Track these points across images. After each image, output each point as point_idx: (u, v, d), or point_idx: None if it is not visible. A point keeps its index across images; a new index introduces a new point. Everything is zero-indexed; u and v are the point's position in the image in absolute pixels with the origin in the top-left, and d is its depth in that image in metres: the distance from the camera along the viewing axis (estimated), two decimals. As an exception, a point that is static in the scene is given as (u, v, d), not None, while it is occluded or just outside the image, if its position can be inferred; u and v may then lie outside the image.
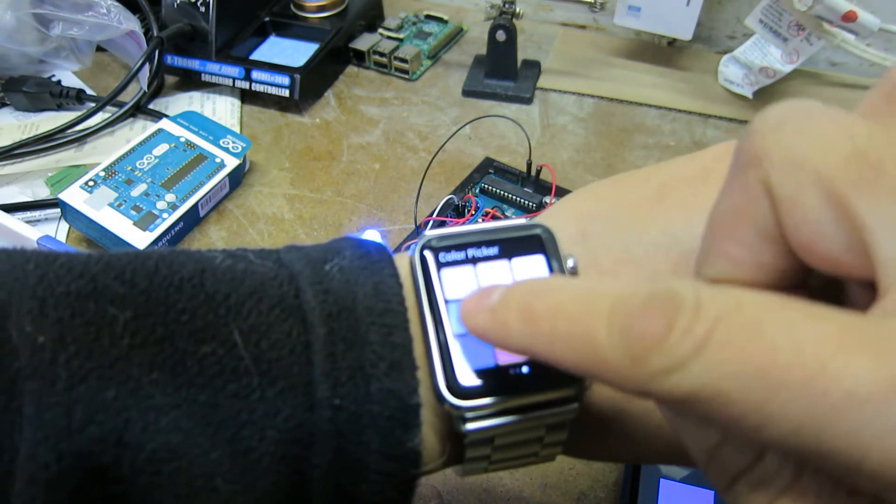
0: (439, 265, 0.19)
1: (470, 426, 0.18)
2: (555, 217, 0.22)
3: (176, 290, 0.18)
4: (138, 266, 0.18)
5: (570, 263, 0.19)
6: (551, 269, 0.19)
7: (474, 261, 0.19)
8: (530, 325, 0.15)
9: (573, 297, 0.14)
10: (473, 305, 0.16)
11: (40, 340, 0.16)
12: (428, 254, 0.19)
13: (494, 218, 0.40)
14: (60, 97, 0.56)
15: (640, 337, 0.13)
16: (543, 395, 0.18)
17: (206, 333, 0.17)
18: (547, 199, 0.45)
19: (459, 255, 0.19)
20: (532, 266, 0.19)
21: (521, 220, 0.20)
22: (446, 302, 0.18)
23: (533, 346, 0.15)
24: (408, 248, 0.41)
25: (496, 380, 0.18)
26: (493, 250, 0.19)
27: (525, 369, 0.18)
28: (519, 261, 0.19)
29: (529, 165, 0.47)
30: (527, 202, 0.45)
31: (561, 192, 0.47)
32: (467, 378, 0.17)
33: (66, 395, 0.16)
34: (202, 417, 0.17)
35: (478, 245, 0.19)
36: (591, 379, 0.14)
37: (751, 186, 0.14)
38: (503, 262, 0.19)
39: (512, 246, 0.19)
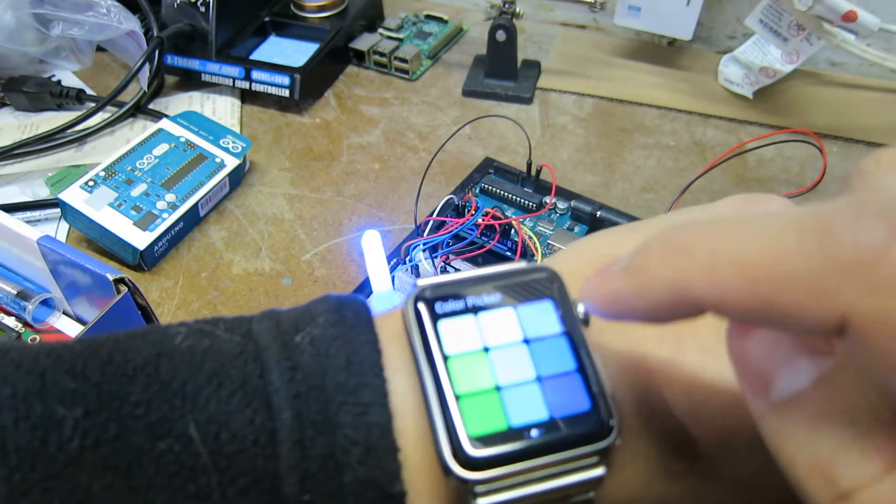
0: (436, 317, 0.17)
1: (482, 501, 0.16)
2: (565, 261, 0.20)
3: (129, 380, 0.16)
4: (90, 356, 0.17)
5: (580, 309, 0.17)
6: (561, 319, 0.17)
7: (475, 310, 0.17)
8: (683, 260, 0.12)
9: (735, 221, 0.12)
10: (598, 278, 0.14)
11: None
12: (422, 306, 0.17)
13: (494, 218, 0.40)
14: (60, 97, 0.56)
15: (854, 245, 0.11)
16: (563, 459, 0.16)
17: (163, 428, 0.16)
18: (547, 199, 0.45)
19: (458, 305, 0.17)
20: (540, 313, 0.17)
21: (523, 264, 0.18)
22: (446, 358, 0.16)
23: (691, 285, 0.12)
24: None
25: (509, 445, 0.15)
26: (496, 297, 0.17)
27: (538, 432, 0.16)
28: (525, 308, 0.17)
29: (529, 165, 0.47)
30: (527, 202, 0.45)
31: (561, 192, 0.47)
32: (476, 445, 0.15)
33: None
34: None
35: (477, 292, 0.17)
36: (762, 320, 0.12)
37: None
38: (508, 310, 0.17)
39: (516, 292, 0.17)
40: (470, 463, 0.15)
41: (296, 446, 0.16)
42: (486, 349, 0.17)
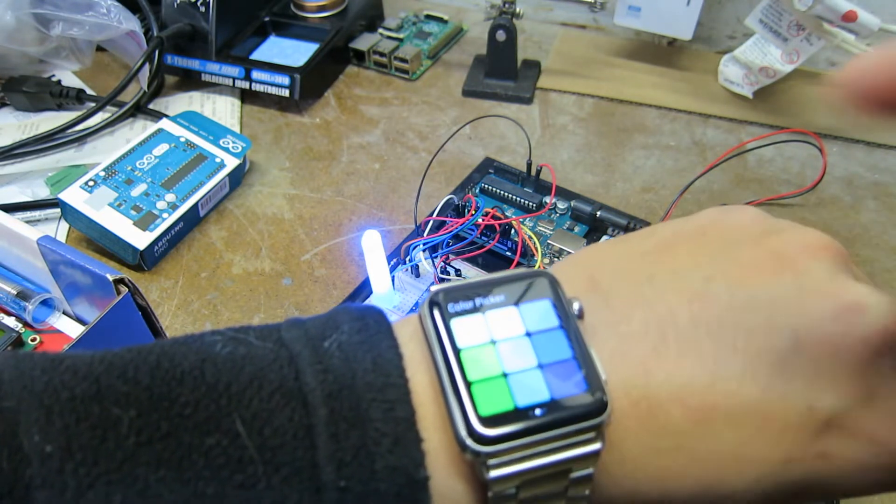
0: (449, 316, 0.19)
1: (494, 473, 0.18)
2: (561, 269, 0.22)
3: (178, 383, 0.18)
4: (140, 362, 0.19)
5: (575, 306, 0.20)
6: (558, 314, 0.19)
7: (483, 309, 0.19)
8: None
9: None
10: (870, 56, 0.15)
11: (48, 450, 0.17)
12: (436, 307, 0.19)
13: (494, 218, 0.40)
14: (60, 97, 0.56)
15: None
16: (563, 434, 0.18)
17: (210, 425, 0.18)
18: (547, 199, 0.45)
19: (468, 305, 0.19)
20: (540, 310, 0.19)
21: (523, 269, 0.21)
22: (458, 350, 0.19)
23: None
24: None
25: (515, 423, 0.18)
26: (500, 298, 0.20)
27: (541, 411, 0.18)
28: (526, 306, 0.19)
29: (529, 165, 0.47)
30: (527, 202, 0.45)
31: (561, 192, 0.47)
32: (487, 424, 0.18)
33: None
34: None
35: (484, 294, 0.20)
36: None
37: None
38: (511, 309, 0.19)
39: (518, 293, 0.20)
40: (483, 439, 0.17)
41: (331, 439, 0.18)
42: (494, 342, 0.19)
